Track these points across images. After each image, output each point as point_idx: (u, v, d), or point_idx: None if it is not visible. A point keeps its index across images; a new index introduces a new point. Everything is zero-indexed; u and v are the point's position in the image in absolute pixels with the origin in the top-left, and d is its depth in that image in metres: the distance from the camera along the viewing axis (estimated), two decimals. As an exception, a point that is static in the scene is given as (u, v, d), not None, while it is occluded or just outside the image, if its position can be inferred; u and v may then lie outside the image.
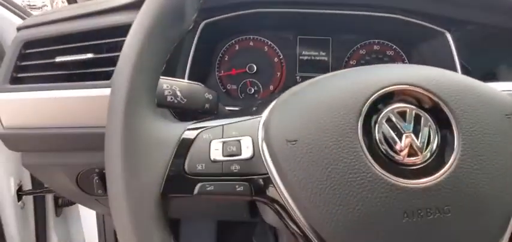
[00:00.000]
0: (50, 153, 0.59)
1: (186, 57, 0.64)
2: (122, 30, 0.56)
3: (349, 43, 0.77)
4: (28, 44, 0.54)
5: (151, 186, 0.32)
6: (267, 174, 0.32)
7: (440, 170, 0.31)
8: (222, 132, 0.34)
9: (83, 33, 0.54)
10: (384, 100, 0.33)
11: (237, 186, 0.32)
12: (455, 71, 0.67)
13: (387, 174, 0.30)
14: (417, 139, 0.32)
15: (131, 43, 0.33)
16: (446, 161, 0.31)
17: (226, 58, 0.76)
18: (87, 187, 0.64)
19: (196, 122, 0.36)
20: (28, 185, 1.07)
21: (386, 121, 0.33)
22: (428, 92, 0.33)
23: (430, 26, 0.68)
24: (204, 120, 0.36)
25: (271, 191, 0.32)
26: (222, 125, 0.35)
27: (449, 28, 0.67)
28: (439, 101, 0.33)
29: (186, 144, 0.33)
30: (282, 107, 0.34)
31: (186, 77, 0.64)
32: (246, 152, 0.33)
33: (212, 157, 0.33)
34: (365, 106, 0.32)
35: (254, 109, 0.37)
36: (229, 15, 0.68)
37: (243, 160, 0.33)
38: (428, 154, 0.32)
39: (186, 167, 0.33)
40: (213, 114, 0.49)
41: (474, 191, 0.30)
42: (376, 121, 0.33)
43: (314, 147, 0.30)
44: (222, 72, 0.76)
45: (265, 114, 0.35)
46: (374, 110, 0.33)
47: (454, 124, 0.32)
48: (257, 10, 0.70)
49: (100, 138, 0.58)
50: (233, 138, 0.33)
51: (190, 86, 0.46)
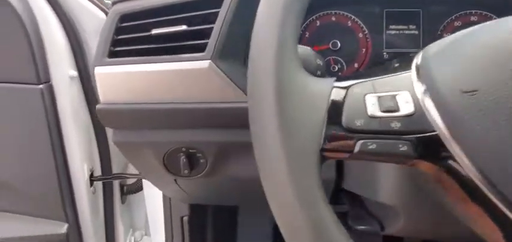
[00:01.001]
0: (141, 131, 0.59)
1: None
2: (217, 1, 0.54)
3: (441, 15, 0.70)
4: (124, 17, 0.53)
5: (310, 144, 0.29)
6: (434, 132, 0.28)
7: None
8: (373, 88, 0.30)
9: (179, 4, 0.53)
10: None
11: (400, 146, 0.28)
12: None
13: None
14: None
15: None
16: None
17: (307, 35, 0.72)
18: (173, 167, 0.63)
19: (339, 79, 0.33)
20: (98, 171, 1.10)
21: None
22: None
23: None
24: (347, 79, 0.33)
25: (439, 150, 0.28)
26: (371, 81, 0.31)
27: None
28: None
29: (340, 99, 0.30)
30: (442, 58, 0.30)
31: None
32: (406, 107, 0.29)
33: (369, 112, 0.29)
34: None
35: (396, 65, 0.33)
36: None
37: (404, 116, 0.28)
38: None
39: (344, 122, 0.29)
40: None
41: None
42: None
43: (500, 97, 0.25)
44: (301, 51, 0.72)
45: (417, 68, 0.30)
46: None
47: None
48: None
49: (192, 114, 0.57)
50: (388, 93, 0.29)
51: (304, 49, 0.43)
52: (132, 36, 0.53)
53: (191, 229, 1.04)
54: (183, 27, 0.52)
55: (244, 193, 0.79)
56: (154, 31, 0.52)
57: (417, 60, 0.31)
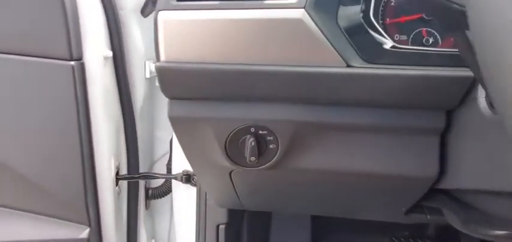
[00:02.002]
0: (204, 103, 0.47)
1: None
2: None
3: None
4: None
5: None
6: None
7: None
8: None
9: None
10: None
11: None
12: None
13: None
14: None
15: None
16: None
17: (392, 3, 0.61)
18: (235, 153, 0.51)
19: None
20: (123, 169, 0.99)
21: None
22: None
23: None
24: None
25: None
26: None
27: None
28: None
29: None
30: None
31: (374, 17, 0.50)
32: None
33: None
34: None
35: None
36: None
37: None
38: None
39: None
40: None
41: None
42: None
43: None
44: (387, 20, 0.61)
45: None
46: None
47: None
48: None
49: (273, 80, 0.45)
50: None
51: None
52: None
53: (227, 239, 0.91)
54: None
55: (304, 194, 0.67)
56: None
57: None
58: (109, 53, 0.80)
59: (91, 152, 0.82)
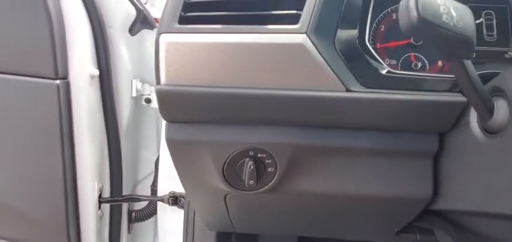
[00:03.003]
0: (203, 126, 0.46)
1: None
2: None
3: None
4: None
5: None
6: None
7: None
8: None
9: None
10: None
11: None
12: None
13: None
14: None
15: None
16: None
17: (381, 28, 0.63)
18: (233, 177, 0.50)
19: None
20: (106, 191, 0.95)
21: None
22: None
23: None
24: None
25: None
26: None
27: None
28: None
29: None
30: None
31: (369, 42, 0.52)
32: None
33: None
34: None
35: None
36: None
37: None
38: None
39: None
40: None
41: None
42: None
43: None
44: (378, 45, 0.63)
45: None
46: None
47: None
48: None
49: (274, 103, 0.44)
50: None
51: (464, 8, 0.33)
52: (209, 0, 0.42)
53: (213, 262, 0.88)
54: (273, -7, 0.42)
55: (297, 216, 0.66)
56: (238, -5, 0.41)
57: None
58: (95, 72, 0.78)
59: (74, 175, 0.78)
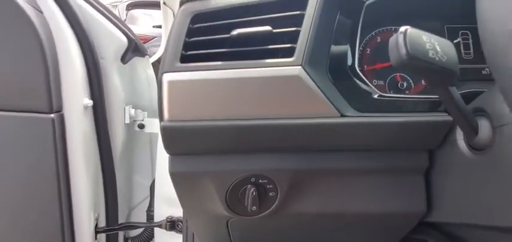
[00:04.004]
0: (206, 158, 0.48)
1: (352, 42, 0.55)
2: (301, 2, 0.47)
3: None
4: (197, 17, 0.44)
5: None
6: None
7: None
8: None
9: (260, 4, 0.45)
10: None
11: None
12: None
13: None
14: None
15: None
16: None
17: (367, 51, 0.66)
18: (236, 204, 0.52)
19: None
20: (102, 220, 0.94)
21: None
22: None
23: None
24: None
25: None
26: None
27: None
28: None
29: None
30: None
31: (357, 66, 0.54)
32: None
33: None
34: None
35: None
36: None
37: None
38: None
39: None
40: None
41: None
42: None
43: None
44: (365, 67, 0.66)
45: None
46: None
47: None
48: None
49: (273, 132, 0.45)
50: None
51: (447, 43, 0.36)
52: (208, 38, 0.44)
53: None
54: (268, 28, 0.44)
55: (297, 236, 0.68)
56: (235, 32, 0.43)
57: None
58: (89, 102, 0.78)
59: (70, 207, 0.77)
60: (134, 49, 0.86)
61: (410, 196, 0.54)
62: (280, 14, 0.46)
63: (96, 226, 0.89)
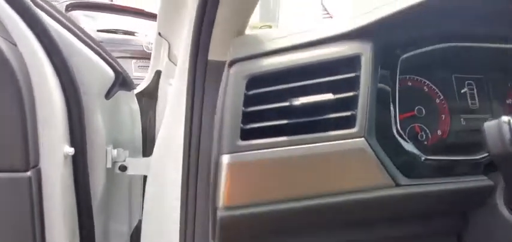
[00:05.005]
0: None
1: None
2: (354, 61, 0.43)
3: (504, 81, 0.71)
4: (252, 81, 0.38)
5: None
6: None
7: None
8: None
9: (315, 65, 0.41)
10: None
11: None
12: None
13: None
14: None
15: None
16: None
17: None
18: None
19: None
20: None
21: None
22: None
23: None
24: None
25: None
26: None
27: None
28: None
29: None
30: None
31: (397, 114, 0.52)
32: None
33: None
34: None
35: None
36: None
37: None
38: None
39: None
40: None
41: None
42: None
43: None
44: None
45: None
46: None
47: None
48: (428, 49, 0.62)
49: (335, 209, 0.40)
50: None
51: None
52: (268, 107, 0.38)
53: None
54: (330, 95, 0.40)
55: None
56: (298, 101, 0.38)
57: None
58: (70, 150, 0.66)
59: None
60: (121, 83, 0.75)
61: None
62: (336, 77, 0.42)
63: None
